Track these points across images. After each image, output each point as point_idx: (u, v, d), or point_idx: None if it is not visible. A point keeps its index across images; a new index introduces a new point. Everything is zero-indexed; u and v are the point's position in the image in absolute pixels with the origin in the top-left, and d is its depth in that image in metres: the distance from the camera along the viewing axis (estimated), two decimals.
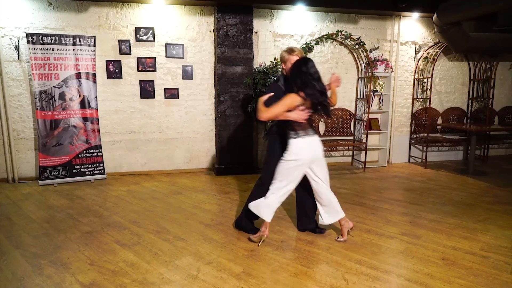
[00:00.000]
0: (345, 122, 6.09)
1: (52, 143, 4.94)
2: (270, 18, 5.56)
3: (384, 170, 5.96)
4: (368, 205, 4.20)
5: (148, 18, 5.19)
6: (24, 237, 3.32)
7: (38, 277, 2.62)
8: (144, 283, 2.54)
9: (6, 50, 4.85)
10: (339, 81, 3.29)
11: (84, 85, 5.01)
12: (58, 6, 4.91)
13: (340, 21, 5.80)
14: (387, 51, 6.10)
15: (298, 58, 3.00)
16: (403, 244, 3.18)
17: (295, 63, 2.95)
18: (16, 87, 4.98)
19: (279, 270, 2.72)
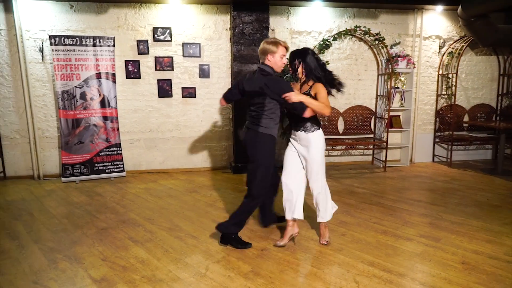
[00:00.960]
0: (365, 120, 5.94)
1: (74, 141, 5.10)
2: (287, 15, 5.49)
3: (406, 170, 5.76)
4: (386, 205, 4.07)
5: (165, 18, 5.25)
6: (43, 232, 3.44)
7: (53, 271, 2.70)
8: (153, 280, 2.57)
9: (31, 52, 5.05)
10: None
11: (104, 85, 5.13)
12: (79, 9, 5.05)
13: (359, 17, 5.65)
14: (409, 46, 5.88)
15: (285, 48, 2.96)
16: (420, 246, 3.05)
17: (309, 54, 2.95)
18: (40, 88, 5.17)
19: (288, 270, 2.67)
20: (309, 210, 3.91)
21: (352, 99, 5.90)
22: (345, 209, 3.95)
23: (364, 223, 3.57)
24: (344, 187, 4.79)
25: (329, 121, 5.82)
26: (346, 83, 5.70)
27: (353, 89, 5.86)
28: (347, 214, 3.81)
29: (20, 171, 5.33)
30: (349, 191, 4.61)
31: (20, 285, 2.52)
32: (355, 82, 5.85)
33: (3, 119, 5.18)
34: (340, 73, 5.77)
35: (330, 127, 5.83)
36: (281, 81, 3.10)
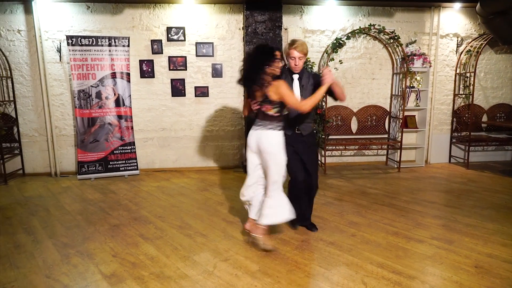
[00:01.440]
0: (379, 120, 5.84)
1: (89, 139, 5.21)
2: (300, 14, 5.46)
3: (421, 170, 5.65)
4: (399, 207, 4.00)
5: (179, 18, 5.30)
6: (58, 227, 3.52)
7: (65, 266, 2.77)
8: (161, 277, 2.60)
9: (49, 52, 5.18)
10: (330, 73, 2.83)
11: (119, 84, 5.23)
12: (95, 9, 5.16)
13: (374, 15, 5.57)
14: (425, 44, 5.76)
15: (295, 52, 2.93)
16: (432, 248, 2.98)
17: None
18: (58, 87, 5.31)
19: (296, 270, 2.65)
20: (319, 210, 3.89)
21: (366, 98, 5.82)
22: (356, 210, 3.90)
23: (375, 224, 3.51)
24: (356, 188, 4.73)
25: (342, 121, 5.76)
26: (360, 82, 5.71)
27: (367, 88, 5.78)
28: (358, 214, 3.77)
29: (38, 168, 5.49)
30: (361, 192, 4.55)
31: (33, 279, 2.60)
32: (369, 81, 5.77)
33: (22, 118, 5.34)
34: (354, 72, 5.71)
35: (343, 126, 5.77)
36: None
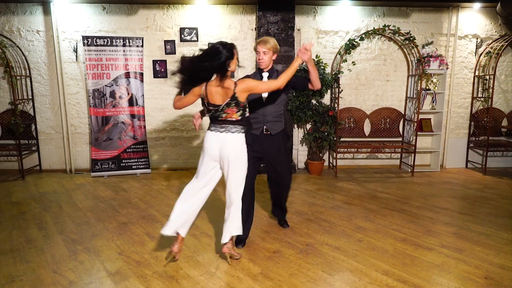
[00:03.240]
0: (393, 123, 5.73)
1: (103, 138, 5.31)
2: (314, 15, 5.41)
3: (436, 175, 5.50)
4: (409, 212, 3.90)
5: (192, 18, 5.34)
6: (68, 223, 3.61)
7: (72, 262, 2.83)
8: (163, 276, 2.62)
9: (66, 52, 5.31)
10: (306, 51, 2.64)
11: (132, 84, 5.31)
12: (111, 10, 5.25)
13: (389, 15, 5.46)
14: (442, 46, 5.61)
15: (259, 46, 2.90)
16: (441, 257, 2.90)
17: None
18: (74, 86, 5.43)
19: (298, 274, 2.63)
20: (326, 213, 3.84)
21: (379, 100, 5.71)
22: (365, 214, 3.83)
23: (383, 229, 3.44)
24: (366, 191, 4.65)
25: (355, 123, 5.67)
26: (373, 84, 5.61)
27: (381, 90, 5.68)
28: (367, 219, 3.70)
29: (54, 165, 5.64)
30: (371, 196, 4.47)
31: (41, 274, 2.66)
32: (384, 83, 5.66)
33: (40, 116, 5.50)
34: (368, 74, 5.61)
35: (355, 129, 5.69)
36: None
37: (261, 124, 3.01)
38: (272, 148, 3.05)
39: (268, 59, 2.92)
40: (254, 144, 3.00)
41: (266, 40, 2.90)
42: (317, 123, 5.27)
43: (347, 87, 5.59)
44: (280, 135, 3.08)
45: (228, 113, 2.58)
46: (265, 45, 2.88)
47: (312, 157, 5.49)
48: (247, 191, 3.00)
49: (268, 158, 3.09)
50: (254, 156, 3.01)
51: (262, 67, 2.96)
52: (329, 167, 5.84)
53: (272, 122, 3.02)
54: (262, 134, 3.02)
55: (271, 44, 2.90)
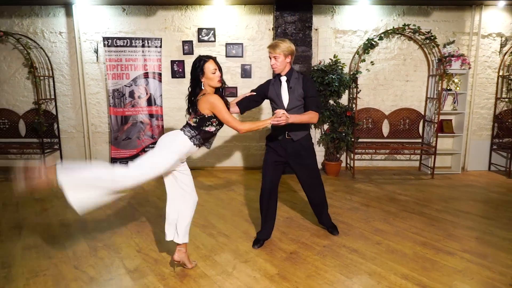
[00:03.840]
0: (413, 124, 5.61)
1: (122, 137, 5.41)
2: (331, 14, 5.36)
3: (457, 178, 5.37)
4: (429, 215, 3.82)
5: (209, 19, 5.38)
6: (89, 221, 3.69)
7: (92, 258, 2.89)
8: (181, 274, 2.65)
9: (87, 53, 5.43)
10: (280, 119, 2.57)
11: (151, 84, 5.38)
12: (130, 12, 5.34)
13: (409, 14, 5.36)
14: (464, 45, 5.46)
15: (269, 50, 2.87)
16: (463, 262, 2.82)
17: None
18: (94, 86, 5.55)
19: (315, 276, 2.61)
20: (344, 215, 3.80)
21: (399, 101, 5.61)
22: (383, 217, 3.77)
23: (403, 232, 3.38)
24: (385, 193, 4.58)
25: (373, 124, 5.59)
26: (392, 84, 5.52)
27: (400, 90, 5.58)
28: (385, 222, 3.64)
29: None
30: (390, 198, 4.40)
31: (62, 269, 2.73)
32: (403, 83, 5.56)
33: (62, 115, 5.64)
34: (387, 74, 5.53)
35: (373, 130, 5.61)
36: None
37: (283, 129, 2.93)
38: (295, 153, 2.99)
39: (281, 63, 2.85)
40: (278, 149, 2.99)
41: (275, 44, 2.83)
42: (335, 123, 5.22)
43: (365, 88, 5.52)
44: (303, 140, 3.00)
45: (190, 117, 2.61)
46: (274, 50, 2.83)
47: (329, 157, 5.45)
48: (271, 194, 3.04)
49: (292, 163, 3.03)
50: (275, 160, 3.00)
51: (276, 72, 2.92)
52: (347, 168, 5.77)
53: (294, 128, 2.92)
54: (284, 139, 2.98)
55: (281, 48, 2.81)
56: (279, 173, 3.08)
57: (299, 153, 2.99)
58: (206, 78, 2.52)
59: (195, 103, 2.55)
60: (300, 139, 2.98)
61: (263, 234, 3.14)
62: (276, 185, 3.07)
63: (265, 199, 3.05)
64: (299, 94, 2.89)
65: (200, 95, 2.54)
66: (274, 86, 2.97)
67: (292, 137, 2.96)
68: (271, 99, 3.00)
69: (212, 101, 2.47)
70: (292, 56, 2.90)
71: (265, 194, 3.03)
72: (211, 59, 2.53)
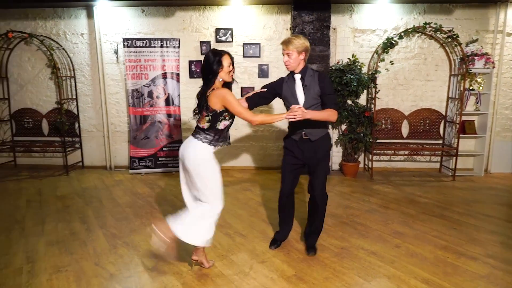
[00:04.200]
0: (433, 124, 5.49)
1: (141, 136, 5.49)
2: (350, 13, 5.29)
3: (479, 180, 5.22)
4: (450, 218, 3.73)
5: (227, 19, 5.40)
6: (108, 218, 3.76)
7: (112, 256, 2.95)
8: (198, 273, 2.67)
9: (107, 54, 5.54)
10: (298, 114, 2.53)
11: (169, 84, 5.44)
12: (149, 13, 5.42)
13: (430, 12, 5.24)
14: (488, 43, 5.30)
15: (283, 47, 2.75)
16: (486, 267, 2.74)
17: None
18: (114, 86, 5.66)
19: (333, 279, 2.58)
20: (362, 216, 3.75)
21: (419, 101, 5.50)
22: (403, 219, 3.70)
23: (423, 236, 3.31)
24: (404, 195, 4.49)
25: (392, 124, 5.50)
26: (412, 84, 5.41)
27: (420, 90, 5.46)
28: (405, 224, 3.57)
29: (95, 161, 5.90)
30: (409, 200, 4.32)
31: (83, 265, 2.79)
32: (423, 83, 5.44)
33: (83, 114, 5.77)
34: (407, 74, 5.42)
35: (392, 130, 5.51)
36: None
37: (300, 129, 2.83)
38: (313, 154, 2.85)
39: (294, 60, 2.72)
40: (295, 150, 2.89)
41: (288, 40, 2.72)
42: (353, 124, 5.16)
43: (384, 87, 5.43)
44: (321, 141, 2.86)
45: (200, 117, 2.62)
46: (287, 46, 2.71)
47: (347, 158, 5.39)
48: (289, 197, 3.00)
49: (310, 165, 2.90)
50: (293, 163, 2.91)
51: (289, 69, 2.79)
52: (364, 169, 5.69)
53: (312, 127, 2.80)
54: (302, 139, 2.85)
55: (294, 44, 2.68)
56: (297, 176, 3.00)
57: (315, 154, 2.85)
58: (223, 71, 2.52)
59: (206, 100, 2.56)
60: (318, 139, 2.84)
61: (281, 235, 3.13)
62: (294, 188, 3.01)
63: (283, 202, 3.01)
64: (315, 92, 2.76)
65: (210, 91, 2.54)
66: (288, 85, 2.83)
67: (309, 137, 2.83)
68: (285, 98, 2.86)
69: (223, 94, 2.48)
70: (307, 53, 2.76)
71: (283, 197, 2.99)
72: (227, 54, 2.55)
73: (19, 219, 3.77)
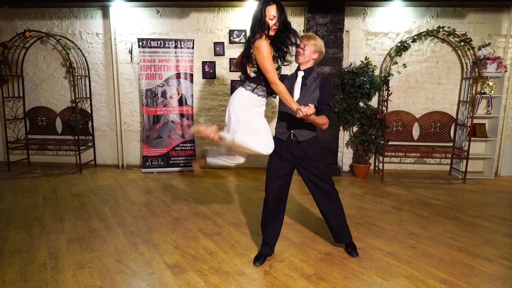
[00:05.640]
0: (444, 127, 5.52)
1: (154, 136, 5.55)
2: (363, 16, 5.33)
3: (490, 183, 5.25)
4: (464, 221, 3.76)
5: (241, 21, 5.45)
6: (125, 216, 3.82)
7: (133, 253, 3.00)
8: (220, 271, 2.72)
9: (122, 54, 5.61)
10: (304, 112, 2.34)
11: (182, 84, 5.50)
12: (164, 13, 5.48)
13: (443, 16, 5.27)
14: (501, 47, 5.33)
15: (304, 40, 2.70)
16: (502, 269, 2.78)
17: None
18: (128, 86, 5.72)
19: (352, 278, 2.63)
20: (375, 217, 3.79)
21: (430, 104, 5.53)
22: (417, 221, 3.74)
23: (438, 237, 3.35)
24: (416, 197, 4.53)
25: (403, 127, 5.53)
26: (424, 87, 5.44)
27: (432, 93, 5.50)
28: (419, 226, 3.61)
29: (108, 160, 5.96)
30: (421, 202, 4.35)
31: (106, 262, 2.85)
32: (435, 86, 5.48)
33: (96, 113, 5.84)
34: (418, 77, 5.46)
35: (403, 132, 5.55)
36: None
37: (288, 129, 2.75)
38: (304, 153, 2.75)
39: (308, 55, 2.68)
40: (282, 152, 2.77)
41: (312, 35, 2.71)
42: (364, 126, 5.20)
43: (396, 90, 5.47)
44: (310, 142, 2.76)
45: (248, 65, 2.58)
46: (308, 39, 2.68)
47: (358, 160, 5.43)
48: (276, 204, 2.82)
49: (300, 166, 2.79)
50: (280, 166, 2.77)
51: (299, 60, 2.71)
52: (375, 170, 5.73)
53: (300, 128, 2.71)
54: (290, 140, 2.76)
55: (316, 41, 2.68)
56: (286, 182, 2.83)
57: (306, 155, 2.75)
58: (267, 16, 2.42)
59: (250, 49, 2.49)
60: (306, 141, 2.75)
61: (266, 249, 2.89)
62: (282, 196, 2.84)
63: (268, 210, 2.83)
64: (313, 95, 2.70)
65: (253, 41, 2.46)
66: (289, 81, 2.79)
67: (297, 138, 2.74)
68: None
69: (258, 45, 2.41)
70: (320, 55, 2.74)
71: (268, 206, 2.82)
72: (275, 4, 2.43)
73: (38, 216, 3.83)
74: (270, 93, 2.67)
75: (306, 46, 2.69)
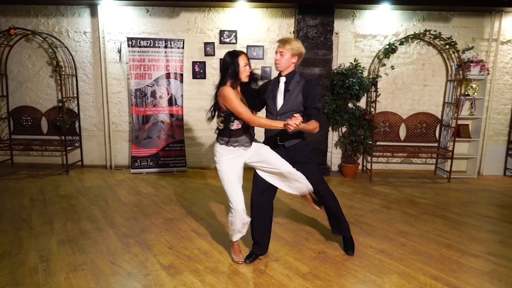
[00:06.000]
0: (429, 128, 5.67)
1: (143, 136, 5.50)
2: (352, 19, 5.43)
3: (473, 182, 5.42)
4: (450, 218, 3.88)
5: (231, 21, 5.46)
6: (116, 217, 3.77)
7: (127, 254, 2.98)
8: (216, 271, 2.72)
9: (110, 53, 5.53)
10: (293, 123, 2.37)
11: (172, 84, 5.47)
12: (154, 13, 5.43)
13: (429, 20, 5.41)
14: (483, 51, 5.51)
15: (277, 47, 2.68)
16: (489, 264, 2.89)
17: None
18: (116, 85, 5.65)
19: (347, 275, 2.68)
20: (366, 216, 3.86)
21: (416, 105, 5.67)
22: (405, 219, 3.83)
23: (426, 234, 3.44)
24: (404, 196, 4.64)
25: (390, 127, 5.65)
26: (411, 88, 5.57)
27: (418, 95, 5.64)
28: (408, 224, 3.70)
29: (95, 161, 5.87)
30: (409, 201, 4.46)
31: (100, 264, 2.82)
32: (421, 88, 5.62)
33: (84, 113, 5.74)
34: (405, 78, 5.59)
35: (391, 133, 5.67)
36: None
37: (275, 135, 2.75)
38: (291, 158, 2.72)
39: (285, 61, 2.63)
40: None
41: (286, 40, 2.64)
42: (353, 126, 5.29)
43: (384, 91, 5.58)
44: (298, 147, 2.76)
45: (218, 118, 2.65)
46: (283, 45, 2.63)
47: (346, 160, 5.51)
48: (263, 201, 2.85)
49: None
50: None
51: (278, 68, 2.69)
52: (363, 170, 5.84)
53: (286, 134, 2.66)
54: (276, 145, 2.75)
55: (291, 45, 2.61)
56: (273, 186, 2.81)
57: (294, 159, 2.72)
58: (240, 72, 2.51)
59: (217, 100, 2.57)
60: (293, 146, 2.75)
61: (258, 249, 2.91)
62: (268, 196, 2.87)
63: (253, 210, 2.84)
64: (296, 100, 2.66)
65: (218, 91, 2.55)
66: (272, 87, 2.75)
67: (283, 143, 2.74)
68: (267, 100, 2.76)
69: (223, 93, 2.48)
70: (299, 58, 2.69)
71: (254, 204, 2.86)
72: (243, 54, 2.56)
73: (26, 218, 3.75)
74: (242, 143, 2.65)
75: (282, 53, 2.65)
